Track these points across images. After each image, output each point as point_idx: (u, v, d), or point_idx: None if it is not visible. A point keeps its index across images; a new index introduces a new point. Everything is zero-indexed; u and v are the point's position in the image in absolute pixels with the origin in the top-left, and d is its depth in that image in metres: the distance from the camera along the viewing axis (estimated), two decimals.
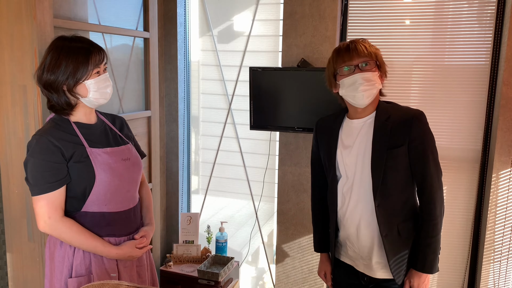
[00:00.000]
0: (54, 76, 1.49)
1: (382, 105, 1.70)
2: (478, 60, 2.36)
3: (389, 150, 1.62)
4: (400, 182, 1.65)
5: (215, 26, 3.11)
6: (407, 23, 2.47)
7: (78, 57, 1.50)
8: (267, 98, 2.56)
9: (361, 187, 1.67)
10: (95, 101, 1.56)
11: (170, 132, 3.11)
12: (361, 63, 1.62)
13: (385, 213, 1.64)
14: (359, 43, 1.65)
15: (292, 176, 2.70)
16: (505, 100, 2.23)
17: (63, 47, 1.51)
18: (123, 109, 2.46)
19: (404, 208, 1.67)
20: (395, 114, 1.66)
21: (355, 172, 1.69)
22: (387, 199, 1.63)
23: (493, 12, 2.30)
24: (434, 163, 1.64)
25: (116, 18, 2.37)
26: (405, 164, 1.64)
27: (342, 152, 1.73)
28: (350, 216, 1.71)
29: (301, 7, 2.53)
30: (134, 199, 1.70)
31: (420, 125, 1.62)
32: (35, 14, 1.80)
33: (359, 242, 1.71)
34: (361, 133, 1.69)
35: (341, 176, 1.75)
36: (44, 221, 1.49)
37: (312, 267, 2.74)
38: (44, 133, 1.50)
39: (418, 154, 1.63)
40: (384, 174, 1.62)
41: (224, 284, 2.75)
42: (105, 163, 1.55)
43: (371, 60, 1.62)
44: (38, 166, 1.47)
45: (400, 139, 1.62)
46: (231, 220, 3.20)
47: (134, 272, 1.68)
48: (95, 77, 1.53)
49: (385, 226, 1.64)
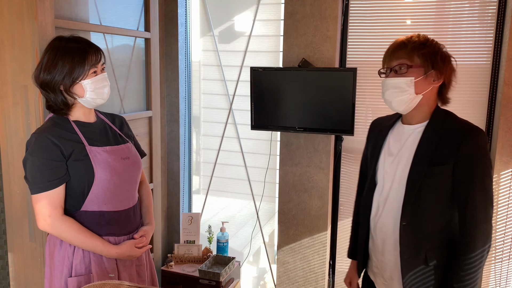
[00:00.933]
0: (51, 76, 1.50)
1: (438, 114, 1.50)
2: (479, 60, 2.36)
3: (430, 166, 1.44)
4: (439, 204, 1.46)
5: (216, 26, 3.11)
6: (408, 23, 2.47)
7: (74, 57, 1.50)
8: (268, 98, 2.56)
9: (395, 201, 1.52)
10: (92, 101, 1.56)
11: (171, 132, 3.11)
12: (397, 66, 1.46)
13: (411, 235, 1.48)
14: (409, 40, 1.47)
15: (293, 176, 2.70)
16: (506, 100, 2.23)
17: (60, 47, 1.51)
18: (124, 109, 2.46)
19: (439, 233, 1.48)
20: (448, 127, 1.46)
21: (392, 183, 1.54)
22: (417, 219, 1.47)
23: (494, 12, 2.29)
24: (482, 191, 1.42)
25: (117, 19, 2.38)
26: (447, 185, 1.44)
27: (385, 158, 1.59)
28: (380, 228, 1.58)
29: (302, 7, 2.53)
30: (133, 198, 1.70)
31: (472, 143, 1.41)
32: (36, 15, 1.80)
33: (383, 259, 1.58)
34: (408, 141, 1.53)
35: (377, 183, 1.61)
36: (44, 219, 1.49)
37: (313, 267, 2.74)
38: (43, 131, 1.50)
39: (462, 176, 1.42)
40: (419, 192, 1.45)
41: (225, 284, 2.75)
42: (104, 161, 1.55)
43: (411, 63, 1.44)
44: (38, 164, 1.47)
45: (446, 156, 1.43)
46: (232, 220, 3.20)
47: (133, 271, 1.68)
48: (91, 77, 1.53)
49: (407, 249, 1.48)
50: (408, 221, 1.47)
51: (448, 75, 1.47)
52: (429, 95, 1.48)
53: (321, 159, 2.62)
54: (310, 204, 2.69)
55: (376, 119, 1.76)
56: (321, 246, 2.70)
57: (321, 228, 2.68)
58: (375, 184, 1.63)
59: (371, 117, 2.60)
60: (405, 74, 1.45)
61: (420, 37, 1.49)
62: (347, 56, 2.59)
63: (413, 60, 1.44)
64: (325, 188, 2.64)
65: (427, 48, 1.45)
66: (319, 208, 2.67)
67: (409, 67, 1.45)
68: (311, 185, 2.67)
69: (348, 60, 2.59)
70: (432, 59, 1.44)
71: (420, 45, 1.45)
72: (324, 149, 2.61)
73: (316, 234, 2.70)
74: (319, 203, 2.66)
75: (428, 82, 1.46)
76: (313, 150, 2.63)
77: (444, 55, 1.47)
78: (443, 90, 1.49)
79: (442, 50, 1.48)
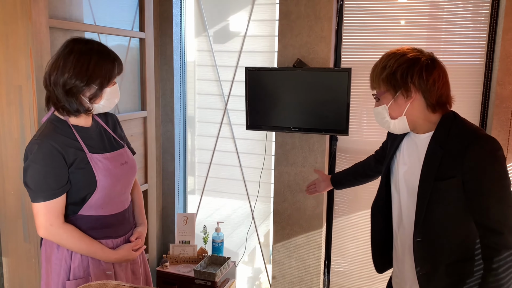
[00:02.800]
0: (83, 82, 1.46)
1: (445, 122, 1.41)
2: (473, 60, 2.37)
3: (437, 182, 1.37)
4: (452, 218, 1.39)
5: (211, 27, 3.11)
6: (402, 23, 2.48)
7: (107, 64, 1.49)
8: (263, 98, 2.56)
9: (412, 212, 1.47)
10: (101, 108, 1.56)
11: (166, 133, 3.11)
12: (374, 95, 1.47)
13: (426, 251, 1.43)
14: (374, 69, 1.45)
15: (288, 176, 2.71)
16: (499, 99, 2.25)
17: (91, 50, 1.48)
18: (119, 109, 2.46)
19: (458, 247, 1.41)
20: (453, 136, 1.37)
21: (408, 196, 1.49)
22: (430, 235, 1.41)
23: (487, 12, 2.31)
24: (496, 201, 1.31)
25: (112, 19, 2.37)
26: (459, 198, 1.36)
27: (399, 166, 1.53)
28: (401, 239, 1.53)
29: (296, 7, 2.53)
30: (128, 200, 1.70)
31: (477, 154, 1.31)
32: (30, 15, 1.80)
33: (404, 269, 1.54)
34: (418, 151, 1.46)
35: (394, 191, 1.57)
36: (45, 228, 1.47)
37: (308, 267, 2.74)
38: (46, 137, 1.45)
39: (472, 189, 1.33)
40: (429, 208, 1.39)
41: (221, 284, 2.75)
42: (106, 169, 1.55)
43: (379, 91, 1.44)
44: (42, 172, 1.43)
45: (452, 170, 1.35)
46: (227, 220, 3.20)
47: (128, 270, 1.69)
48: (111, 86, 1.53)
49: (424, 265, 1.43)
50: (422, 237, 1.42)
51: (419, 86, 1.38)
52: (412, 111, 1.41)
53: (316, 159, 2.63)
54: (305, 204, 2.69)
55: None
56: (316, 246, 2.71)
57: (316, 228, 2.69)
58: (389, 189, 1.59)
59: (365, 117, 2.62)
60: (380, 102, 1.45)
61: (383, 58, 1.44)
62: (341, 56, 2.60)
63: (380, 87, 1.43)
64: None
65: (386, 71, 1.39)
66: (314, 208, 2.67)
67: (379, 94, 1.45)
68: (306, 185, 2.67)
69: (342, 60, 2.60)
70: (392, 82, 1.39)
71: (381, 70, 1.41)
72: (319, 149, 2.61)
73: (311, 234, 2.71)
74: (314, 203, 2.67)
75: (402, 103, 1.40)
76: (308, 150, 2.64)
77: (405, 71, 1.37)
78: (426, 100, 1.40)
79: (403, 66, 1.38)
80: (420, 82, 1.37)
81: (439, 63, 1.42)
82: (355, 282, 2.78)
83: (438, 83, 1.39)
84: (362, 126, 2.63)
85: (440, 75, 1.40)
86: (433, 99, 1.39)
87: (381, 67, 1.42)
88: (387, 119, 1.44)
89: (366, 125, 2.62)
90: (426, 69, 1.37)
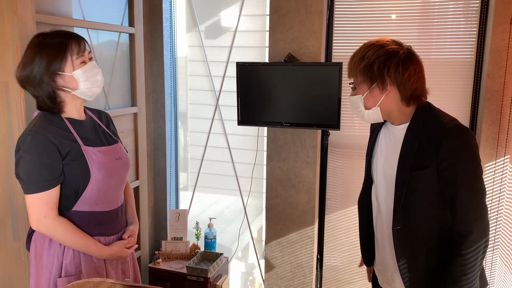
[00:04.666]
0: (28, 72, 1.46)
1: (420, 114, 1.45)
2: (464, 54, 2.38)
3: (413, 171, 1.41)
4: (428, 207, 1.44)
5: (202, 22, 3.09)
6: (393, 17, 2.48)
7: (51, 49, 1.46)
8: (254, 93, 2.55)
9: (390, 201, 1.50)
10: (88, 92, 1.52)
11: (157, 129, 3.09)
12: (350, 83, 1.49)
13: (405, 238, 1.47)
14: (352, 59, 1.46)
15: (281, 171, 2.70)
16: (490, 93, 2.25)
17: (37, 43, 1.48)
18: (109, 105, 2.44)
19: (437, 234, 1.45)
20: (429, 127, 1.41)
21: (386, 186, 1.53)
22: (409, 224, 1.45)
23: (477, 6, 2.32)
24: (469, 191, 1.37)
25: (101, 14, 2.35)
26: (434, 187, 1.41)
27: (378, 158, 1.57)
28: (380, 228, 1.57)
29: (287, 2, 2.52)
30: (121, 197, 1.70)
31: (451, 144, 1.36)
32: (16, 9, 1.77)
33: (384, 258, 1.59)
34: (395, 142, 1.50)
35: (373, 182, 1.61)
36: (38, 220, 1.46)
37: (301, 262, 2.75)
38: (40, 129, 1.44)
39: (446, 179, 1.38)
40: (407, 197, 1.43)
41: (214, 280, 2.75)
42: (100, 162, 1.53)
43: (355, 81, 1.47)
44: (35, 163, 1.42)
45: (427, 160, 1.39)
46: (220, 216, 3.20)
47: (119, 269, 1.68)
48: (81, 66, 1.49)
49: (403, 252, 1.48)
50: (401, 226, 1.46)
51: (395, 80, 1.40)
52: (387, 103, 1.44)
53: (308, 154, 2.62)
54: (297, 199, 2.69)
55: None
56: (309, 241, 2.71)
57: (308, 223, 2.69)
58: (372, 181, 1.62)
59: None
60: (356, 92, 1.48)
61: (362, 48, 1.45)
62: (332, 51, 2.59)
63: (356, 77, 1.46)
64: (312, 183, 2.64)
65: (364, 62, 1.41)
66: (306, 203, 2.67)
67: (355, 84, 1.47)
68: (298, 180, 2.67)
69: (333, 55, 2.60)
70: (368, 74, 1.41)
71: (359, 60, 1.43)
72: (311, 144, 2.61)
73: (304, 229, 2.71)
74: (306, 198, 2.67)
75: (377, 94, 1.43)
76: (300, 145, 2.63)
77: (382, 63, 1.39)
78: (401, 93, 1.42)
79: (380, 58, 1.39)
80: (396, 75, 1.40)
81: (416, 57, 1.44)
82: (348, 277, 2.79)
83: (413, 77, 1.42)
84: (354, 121, 2.63)
85: (416, 70, 1.42)
86: (407, 92, 1.42)
87: (359, 57, 1.43)
88: (361, 108, 1.48)
89: (357, 119, 2.62)
90: (403, 63, 1.40)
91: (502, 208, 2.32)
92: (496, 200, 2.33)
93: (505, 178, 2.29)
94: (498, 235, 2.36)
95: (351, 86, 1.50)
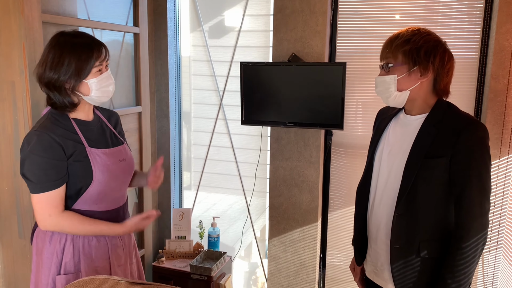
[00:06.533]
0: (57, 75, 1.45)
1: (439, 106, 1.48)
2: (467, 54, 2.38)
3: (426, 159, 1.43)
4: (434, 197, 1.45)
5: (206, 21, 3.10)
6: (397, 17, 2.48)
7: (81, 54, 1.46)
8: (258, 93, 2.56)
9: (391, 191, 1.52)
10: (97, 99, 1.54)
11: (161, 128, 3.10)
12: (384, 64, 1.49)
13: (404, 225, 1.48)
14: (396, 38, 1.46)
15: (284, 170, 2.71)
16: (493, 93, 2.25)
17: (65, 42, 1.47)
18: (113, 105, 2.45)
19: (434, 226, 1.48)
20: (448, 119, 1.44)
21: (390, 173, 1.54)
22: (411, 211, 1.47)
23: (481, 7, 2.32)
24: (478, 186, 1.40)
25: (106, 13, 2.36)
26: (443, 178, 1.43)
27: (383, 148, 1.59)
28: (376, 216, 1.59)
29: (291, 2, 2.53)
30: (123, 197, 1.70)
31: (470, 137, 1.39)
32: (23, 9, 1.78)
33: (376, 247, 1.60)
34: (407, 132, 1.52)
35: (374, 172, 1.63)
36: (44, 219, 1.48)
37: (304, 261, 2.75)
38: (45, 129, 1.46)
39: (458, 171, 1.40)
40: (414, 184, 1.45)
41: (217, 278, 2.76)
42: (103, 164, 1.54)
43: (394, 61, 1.46)
44: (41, 163, 1.44)
45: (443, 150, 1.41)
46: (223, 216, 3.21)
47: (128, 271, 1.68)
48: (97, 76, 1.50)
49: (399, 239, 1.49)
50: (402, 212, 1.48)
51: (437, 69, 1.43)
52: (418, 90, 1.47)
53: (311, 153, 2.63)
54: (301, 198, 2.70)
55: (382, 108, 1.76)
56: (312, 240, 2.72)
57: (312, 222, 2.70)
58: (372, 170, 1.64)
59: (361, 111, 2.62)
60: (389, 72, 1.47)
61: (408, 32, 1.46)
62: (336, 51, 2.59)
63: (397, 58, 1.45)
64: (315, 182, 2.65)
65: (410, 45, 1.43)
66: (309, 202, 2.68)
67: (393, 65, 1.46)
68: (301, 180, 2.68)
69: (337, 55, 2.60)
70: (413, 56, 1.42)
71: (403, 42, 1.44)
72: (314, 144, 2.62)
73: (307, 228, 2.71)
74: (309, 197, 2.68)
75: (414, 78, 1.45)
76: (303, 144, 2.64)
77: (430, 50, 1.42)
78: (436, 84, 1.46)
79: (429, 44, 1.43)
80: (439, 64, 1.43)
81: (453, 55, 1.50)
82: (351, 275, 2.79)
83: (451, 71, 1.48)
84: (357, 121, 2.63)
85: (453, 66, 1.49)
86: (441, 84, 1.47)
87: (404, 39, 1.44)
88: (392, 89, 1.47)
89: (361, 119, 2.62)
90: (448, 54, 1.46)
91: (506, 208, 2.32)
92: (500, 200, 2.33)
93: (509, 178, 2.29)
94: (501, 235, 2.36)
95: (383, 67, 1.49)
